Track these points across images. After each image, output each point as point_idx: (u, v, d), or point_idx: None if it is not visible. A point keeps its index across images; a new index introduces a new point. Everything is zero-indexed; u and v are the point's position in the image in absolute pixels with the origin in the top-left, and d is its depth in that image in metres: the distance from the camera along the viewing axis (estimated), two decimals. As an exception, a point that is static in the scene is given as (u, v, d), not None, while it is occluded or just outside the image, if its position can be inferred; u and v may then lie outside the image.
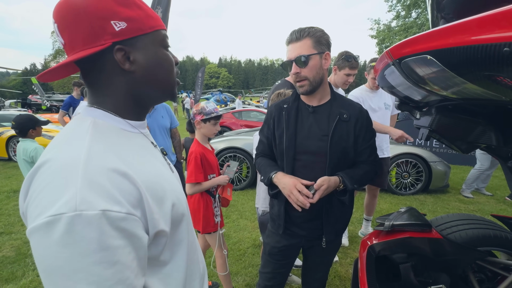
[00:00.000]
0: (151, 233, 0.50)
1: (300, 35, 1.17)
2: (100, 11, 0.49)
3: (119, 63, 0.52)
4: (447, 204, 4.07)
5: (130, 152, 0.53)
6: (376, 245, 1.55)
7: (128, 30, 0.51)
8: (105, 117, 0.55)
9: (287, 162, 1.27)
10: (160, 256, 0.55)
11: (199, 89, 19.11)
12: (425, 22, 14.79)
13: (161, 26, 0.57)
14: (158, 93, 0.60)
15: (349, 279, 2.36)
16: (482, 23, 0.53)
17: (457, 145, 1.17)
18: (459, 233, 1.52)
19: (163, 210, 0.53)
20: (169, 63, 0.59)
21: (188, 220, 0.64)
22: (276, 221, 1.37)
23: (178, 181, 0.70)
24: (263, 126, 1.44)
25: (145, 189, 0.49)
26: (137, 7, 0.53)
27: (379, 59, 1.04)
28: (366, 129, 1.29)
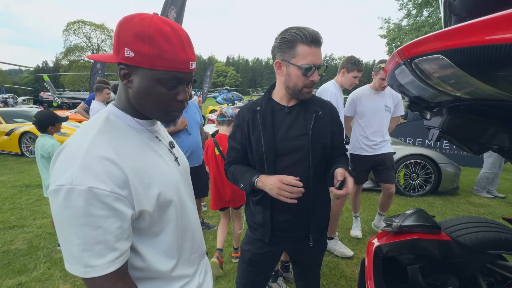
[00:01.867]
0: (137, 209, 0.64)
1: (321, 41, 1.16)
2: (123, 37, 0.63)
3: (120, 77, 0.68)
4: (457, 207, 4.00)
5: (127, 145, 0.67)
6: (384, 246, 1.54)
7: (132, 59, 0.64)
8: (118, 114, 0.71)
9: (268, 166, 1.22)
10: (150, 228, 0.69)
11: (207, 88, 19.19)
12: (437, 21, 14.51)
13: (170, 68, 0.65)
14: (148, 113, 0.72)
15: (355, 279, 2.35)
16: (497, 23, 0.52)
17: (468, 146, 1.15)
18: (469, 236, 1.49)
19: (148, 194, 0.66)
20: (159, 99, 0.68)
21: (180, 205, 0.76)
22: (260, 229, 1.31)
23: (182, 173, 0.83)
24: (235, 131, 1.35)
25: (133, 175, 0.63)
26: (153, 46, 0.62)
27: (390, 59, 1.04)
28: (339, 124, 1.34)
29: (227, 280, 2.34)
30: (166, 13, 4.10)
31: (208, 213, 3.69)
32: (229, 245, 2.88)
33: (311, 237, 1.30)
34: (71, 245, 0.57)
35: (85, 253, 0.57)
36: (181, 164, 0.84)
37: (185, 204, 0.79)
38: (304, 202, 1.22)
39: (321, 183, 1.29)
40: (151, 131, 0.77)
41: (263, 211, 1.28)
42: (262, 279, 1.40)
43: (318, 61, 1.15)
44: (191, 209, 0.84)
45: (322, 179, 1.30)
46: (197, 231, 0.87)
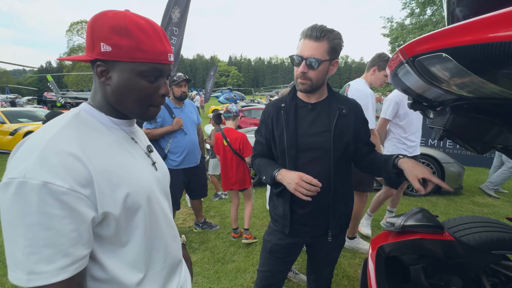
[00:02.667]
0: (100, 211, 0.58)
1: (320, 36, 1.14)
2: (98, 32, 0.61)
3: (96, 74, 0.65)
4: (460, 207, 3.97)
5: (96, 142, 0.63)
6: (386, 246, 1.53)
7: (110, 54, 0.62)
8: (91, 111, 0.68)
9: (289, 161, 1.26)
10: (116, 236, 0.63)
11: (209, 87, 19.22)
12: (441, 19, 14.41)
13: (150, 59, 0.64)
14: (127, 110, 0.70)
15: (357, 279, 2.34)
16: (500, 20, 0.51)
17: (472, 145, 1.14)
18: (473, 236, 1.48)
19: (115, 195, 0.61)
20: (140, 93, 0.67)
21: (150, 212, 0.70)
22: (281, 221, 1.35)
23: (160, 179, 0.78)
24: (260, 126, 1.41)
25: (99, 173, 0.58)
26: (131, 38, 0.61)
27: (392, 57, 1.03)
28: (365, 121, 1.36)
29: (229, 279, 2.34)
30: (169, 13, 4.11)
31: (210, 213, 3.70)
32: (230, 245, 2.89)
33: (330, 233, 1.32)
34: (16, 247, 0.51)
35: (31, 256, 0.50)
36: (159, 170, 0.79)
37: (157, 212, 0.73)
38: (324, 198, 1.25)
39: (342, 180, 1.30)
40: (127, 132, 0.74)
41: (284, 204, 1.32)
42: (283, 269, 1.45)
43: (305, 53, 1.16)
44: (166, 218, 0.77)
45: (343, 176, 1.31)
46: (173, 244, 0.79)
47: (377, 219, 3.51)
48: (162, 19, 4.16)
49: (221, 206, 3.88)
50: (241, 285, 2.28)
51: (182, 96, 2.73)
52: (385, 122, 2.80)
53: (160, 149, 2.69)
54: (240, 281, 2.32)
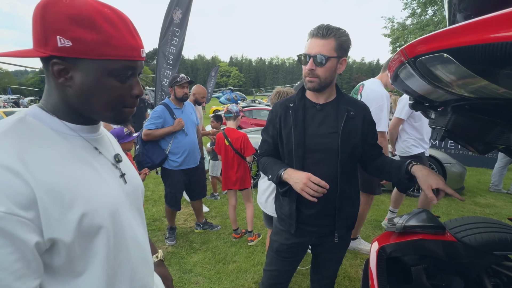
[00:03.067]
0: (46, 237, 0.48)
1: (327, 33, 1.16)
2: (52, 23, 0.50)
3: (52, 74, 0.54)
4: (462, 207, 3.96)
5: (43, 153, 0.52)
6: (387, 246, 1.52)
7: (70, 50, 0.51)
8: (40, 115, 0.56)
9: (297, 161, 1.26)
10: (69, 266, 0.53)
11: (211, 88, 19.24)
12: (442, 20, 14.38)
13: (121, 57, 0.55)
14: (96, 115, 0.60)
15: (358, 280, 2.34)
16: (501, 21, 0.51)
17: (473, 146, 1.14)
18: (474, 237, 1.48)
19: (66, 217, 0.51)
20: (112, 95, 0.58)
21: (115, 234, 0.59)
22: (287, 221, 1.36)
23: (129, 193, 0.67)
24: (267, 125, 1.42)
25: (44, 192, 0.48)
26: (96, 31, 0.52)
27: (393, 58, 1.03)
28: (373, 124, 1.36)
29: (230, 280, 2.34)
30: (171, 14, 4.12)
31: (211, 213, 3.70)
32: (231, 245, 2.88)
33: (336, 233, 1.32)
34: None
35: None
36: (129, 182, 0.68)
37: (124, 234, 0.62)
38: (331, 199, 1.25)
39: (349, 181, 1.31)
40: (88, 140, 0.62)
41: (290, 203, 1.32)
42: (289, 269, 1.46)
43: (311, 51, 1.18)
44: (135, 239, 0.66)
45: (350, 177, 1.32)
46: (143, 269, 0.68)
47: (378, 219, 3.50)
48: (163, 20, 4.17)
49: (222, 207, 3.88)
50: (242, 285, 2.28)
51: (184, 97, 2.74)
52: (398, 122, 2.78)
53: (160, 150, 2.69)
54: (241, 281, 2.32)
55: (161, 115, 2.63)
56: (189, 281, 2.32)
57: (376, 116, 1.93)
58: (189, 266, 2.52)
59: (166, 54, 4.26)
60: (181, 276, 2.38)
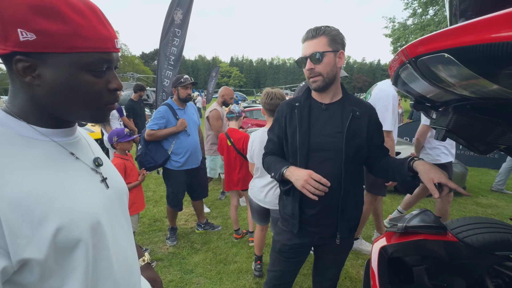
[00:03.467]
0: (15, 260, 0.43)
1: (316, 33, 1.19)
2: (10, 15, 0.44)
3: (17, 73, 0.48)
4: (463, 207, 3.95)
5: (11, 163, 0.47)
6: (389, 247, 1.52)
7: (35, 43, 0.45)
8: (5, 120, 0.51)
9: (301, 160, 1.27)
10: (43, 283, 0.48)
11: (211, 88, 19.24)
12: (443, 20, 14.36)
13: (94, 49, 0.50)
14: (73, 114, 0.55)
15: (360, 280, 2.34)
16: (503, 20, 0.51)
17: (475, 146, 1.14)
18: (476, 237, 1.47)
19: (38, 234, 0.46)
20: (88, 91, 0.52)
21: (96, 245, 0.55)
22: (290, 221, 1.36)
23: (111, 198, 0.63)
24: (273, 125, 1.43)
25: (10, 208, 0.43)
26: (62, 21, 0.46)
27: (394, 58, 1.03)
28: (379, 125, 1.36)
29: (231, 280, 2.34)
30: (171, 15, 4.13)
31: (212, 214, 3.70)
32: (232, 246, 2.88)
33: (338, 235, 1.32)
34: None
35: None
36: (111, 187, 0.63)
37: (106, 244, 0.57)
38: (334, 199, 1.26)
39: (353, 183, 1.30)
40: (62, 145, 0.56)
41: (293, 203, 1.32)
42: (292, 269, 1.46)
43: (306, 53, 1.22)
44: (117, 247, 0.61)
45: (354, 179, 1.31)
46: (126, 278, 0.63)
47: (380, 220, 3.49)
48: (164, 21, 4.18)
49: (223, 207, 3.88)
50: (243, 286, 2.28)
51: (187, 98, 2.75)
52: (427, 129, 2.70)
53: (163, 150, 2.70)
54: (242, 282, 2.32)
55: (164, 116, 2.64)
56: (190, 282, 2.32)
57: (382, 115, 1.92)
58: (190, 266, 2.52)
59: (167, 55, 4.28)
60: (182, 277, 2.38)
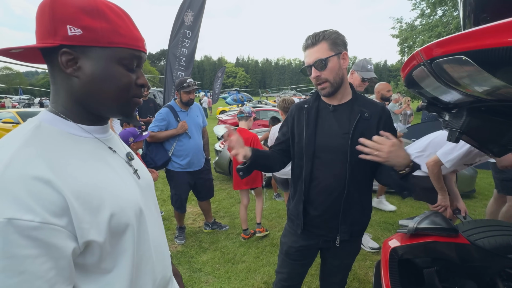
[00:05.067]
0: (80, 242, 0.49)
1: (316, 40, 1.19)
2: (62, 13, 0.51)
3: (61, 65, 0.53)
4: (474, 210, 3.90)
5: (67, 158, 0.52)
6: (399, 248, 1.52)
7: (81, 38, 0.52)
8: (54, 121, 0.56)
9: (306, 160, 1.28)
10: (100, 264, 0.54)
11: (217, 89, 19.34)
12: (451, 20, 14.18)
13: (129, 45, 0.57)
14: (104, 106, 0.59)
15: (368, 281, 2.33)
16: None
17: (489, 148, 1.14)
18: (488, 240, 1.46)
19: (97, 219, 0.52)
20: (120, 82, 0.58)
21: (139, 230, 0.61)
22: (295, 221, 1.37)
23: (143, 188, 0.68)
24: (283, 125, 1.47)
25: (75, 198, 0.49)
26: (105, 20, 0.53)
27: (408, 59, 1.03)
28: (390, 127, 1.31)
29: (239, 279, 2.36)
30: (182, 17, 4.16)
31: (219, 213, 3.73)
32: (240, 245, 2.90)
33: (338, 237, 1.31)
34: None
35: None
36: (142, 178, 0.70)
37: (146, 229, 0.64)
38: (337, 201, 1.26)
39: (359, 186, 1.28)
40: (102, 140, 0.62)
41: (297, 204, 1.34)
42: (300, 271, 1.47)
43: (309, 60, 1.22)
44: (153, 232, 0.67)
45: (360, 182, 1.29)
46: (163, 262, 0.70)
47: (388, 222, 3.48)
48: (174, 22, 4.23)
49: (230, 207, 3.91)
50: (251, 285, 2.29)
51: (189, 102, 2.74)
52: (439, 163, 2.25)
53: (164, 152, 2.71)
54: (251, 281, 2.33)
55: (165, 118, 2.65)
56: (199, 280, 2.35)
57: None
58: (198, 265, 2.55)
59: (178, 56, 4.32)
60: (191, 275, 2.40)
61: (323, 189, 1.28)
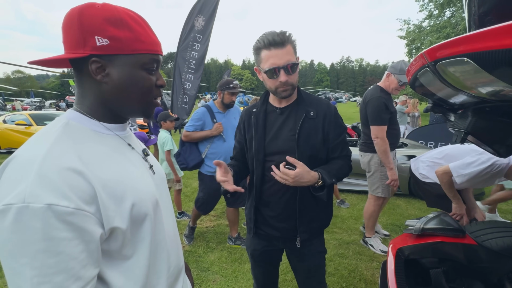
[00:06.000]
0: (106, 228, 0.54)
1: (284, 40, 1.13)
2: (90, 25, 0.56)
3: (91, 73, 0.59)
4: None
5: (94, 153, 0.58)
6: (406, 248, 1.53)
7: (108, 47, 0.57)
8: (80, 119, 0.62)
9: (257, 165, 1.29)
10: (121, 250, 0.59)
11: (224, 91, 19.39)
12: (460, 21, 14.01)
13: (149, 51, 0.62)
14: (128, 109, 0.66)
15: (375, 283, 2.33)
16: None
17: (495, 148, 1.14)
18: (495, 241, 1.46)
19: (120, 208, 0.57)
20: (144, 86, 0.64)
21: (156, 220, 0.66)
22: (248, 224, 1.40)
23: (158, 182, 0.73)
24: (236, 131, 1.46)
25: (101, 188, 0.54)
26: (128, 29, 0.58)
27: (413, 61, 1.05)
28: (335, 124, 1.29)
29: (246, 279, 2.38)
30: (192, 21, 4.24)
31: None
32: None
33: (298, 238, 1.30)
34: (23, 279, 0.46)
35: (41, 286, 0.46)
36: (156, 173, 0.75)
37: (161, 219, 0.69)
38: (292, 202, 1.26)
39: None
40: (122, 137, 0.68)
41: (250, 207, 1.37)
42: (270, 270, 1.51)
43: (280, 62, 1.13)
44: (167, 223, 0.73)
45: None
46: (176, 251, 0.76)
47: (395, 223, 3.46)
48: (183, 26, 4.31)
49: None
50: (258, 285, 2.31)
51: (230, 104, 2.66)
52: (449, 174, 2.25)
53: (197, 153, 2.64)
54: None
55: (201, 118, 2.58)
56: (207, 279, 2.38)
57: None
58: (206, 264, 2.59)
59: (187, 59, 4.40)
60: (199, 274, 2.44)
61: (276, 191, 1.28)
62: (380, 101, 2.51)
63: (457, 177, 2.06)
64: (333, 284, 2.31)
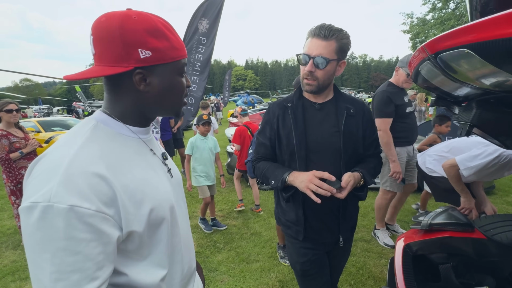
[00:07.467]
0: (125, 231, 0.56)
1: (329, 34, 1.12)
2: (132, 39, 0.57)
3: (135, 83, 0.61)
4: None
5: (118, 156, 0.60)
6: (413, 244, 1.51)
7: (151, 59, 0.59)
8: (108, 121, 0.64)
9: (300, 161, 1.21)
10: (138, 251, 0.61)
11: (227, 92, 19.51)
12: (465, 13, 13.77)
13: (182, 56, 0.65)
14: (164, 111, 0.70)
15: (383, 279, 2.31)
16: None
17: (500, 140, 1.13)
18: (506, 234, 1.43)
19: (139, 212, 0.59)
20: (180, 89, 0.68)
21: (172, 224, 0.68)
22: (294, 227, 1.29)
23: (174, 185, 0.75)
24: (264, 127, 1.34)
25: (123, 192, 0.56)
26: (165, 39, 0.60)
27: (414, 55, 1.04)
28: (372, 122, 1.33)
29: (254, 278, 2.39)
30: (195, 24, 4.27)
31: (233, 214, 3.77)
32: (254, 245, 2.93)
33: (341, 236, 1.30)
34: (42, 273, 0.48)
35: (58, 283, 0.48)
36: (174, 177, 0.77)
37: (177, 223, 0.71)
38: (335, 200, 1.21)
39: None
40: (144, 141, 0.70)
41: (295, 208, 1.26)
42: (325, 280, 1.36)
43: (312, 52, 1.13)
44: (182, 226, 0.74)
45: None
46: (188, 252, 0.77)
47: (402, 219, 3.43)
48: (187, 29, 4.35)
49: (246, 213, 3.94)
50: (266, 283, 2.32)
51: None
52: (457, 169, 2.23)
53: None
54: (265, 280, 2.36)
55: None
56: (215, 279, 2.39)
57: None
58: (214, 265, 2.60)
59: (192, 61, 4.44)
60: (207, 274, 2.45)
61: None
62: (383, 94, 2.58)
63: (464, 170, 2.03)
64: (341, 281, 2.29)
